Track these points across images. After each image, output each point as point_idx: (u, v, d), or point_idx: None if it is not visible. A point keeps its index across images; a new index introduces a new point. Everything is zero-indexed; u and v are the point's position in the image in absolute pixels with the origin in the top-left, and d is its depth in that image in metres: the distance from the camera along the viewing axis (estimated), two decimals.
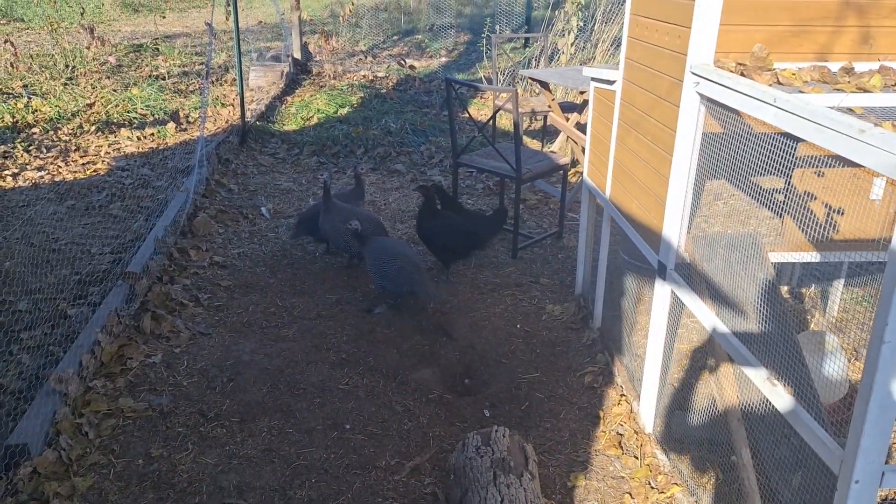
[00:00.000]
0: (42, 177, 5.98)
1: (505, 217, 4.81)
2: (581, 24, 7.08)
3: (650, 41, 3.05)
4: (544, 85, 5.82)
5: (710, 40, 2.59)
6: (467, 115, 7.60)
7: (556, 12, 7.29)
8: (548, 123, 6.98)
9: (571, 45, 6.84)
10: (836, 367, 2.97)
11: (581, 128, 6.02)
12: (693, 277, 2.78)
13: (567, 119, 6.07)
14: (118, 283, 3.96)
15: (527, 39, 7.14)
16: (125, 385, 3.35)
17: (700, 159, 2.70)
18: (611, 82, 3.52)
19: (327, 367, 3.62)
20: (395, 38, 13.40)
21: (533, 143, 7.29)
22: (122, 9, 15.89)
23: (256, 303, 4.25)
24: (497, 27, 9.22)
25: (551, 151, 6.37)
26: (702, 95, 2.60)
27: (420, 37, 13.05)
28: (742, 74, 2.41)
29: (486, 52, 8.77)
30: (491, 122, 6.56)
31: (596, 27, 7.33)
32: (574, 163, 6.45)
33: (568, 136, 6.02)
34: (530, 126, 7.83)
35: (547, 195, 6.01)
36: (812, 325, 3.74)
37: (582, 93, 5.20)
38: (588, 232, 4.10)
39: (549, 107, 6.04)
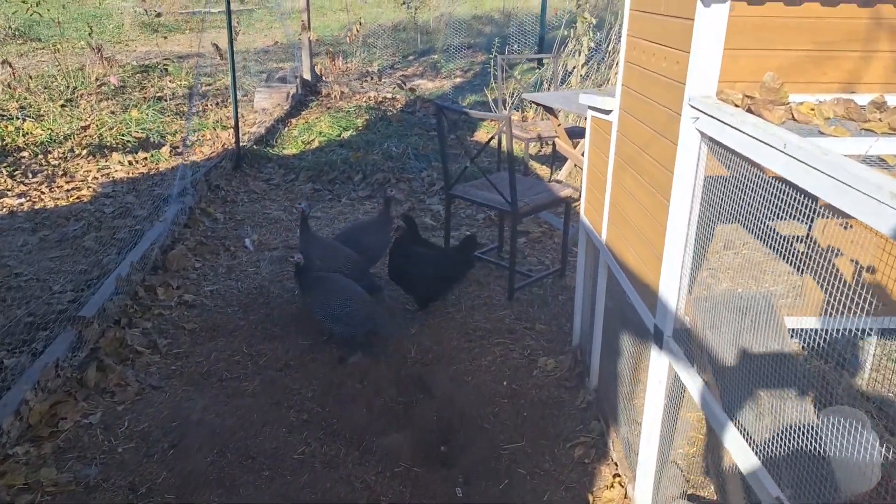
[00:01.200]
0: (21, 204, 5.71)
1: (473, 247, 4.42)
2: (593, 44, 6.67)
3: (647, 66, 2.63)
4: (549, 110, 5.41)
5: (713, 67, 2.16)
6: (473, 139, 7.21)
7: (568, 31, 6.89)
8: (554, 147, 6.56)
9: (583, 66, 6.42)
10: (867, 448, 2.49)
11: None
12: (694, 348, 2.33)
13: (575, 145, 5.65)
14: (66, 328, 3.61)
15: (539, 60, 6.76)
16: (52, 451, 2.98)
17: (703, 206, 2.27)
18: (607, 112, 3.10)
19: (285, 430, 3.21)
20: (410, 57, 13.11)
21: (542, 170, 6.87)
22: (141, 29, 15.84)
23: (221, 349, 3.88)
24: (507, 48, 8.82)
25: (556, 180, 5.94)
26: (702, 133, 2.17)
27: (436, 56, 12.74)
28: (749, 110, 1.98)
29: (493, 74, 8.39)
30: (499, 146, 6.17)
31: (610, 47, 6.91)
32: None
33: (575, 164, 5.60)
34: (540, 151, 7.42)
35: (552, 227, 5.58)
36: (838, 392, 3.26)
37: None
38: (586, 275, 3.66)
39: (556, 132, 5.63)
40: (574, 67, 6.64)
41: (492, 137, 4.70)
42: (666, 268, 2.37)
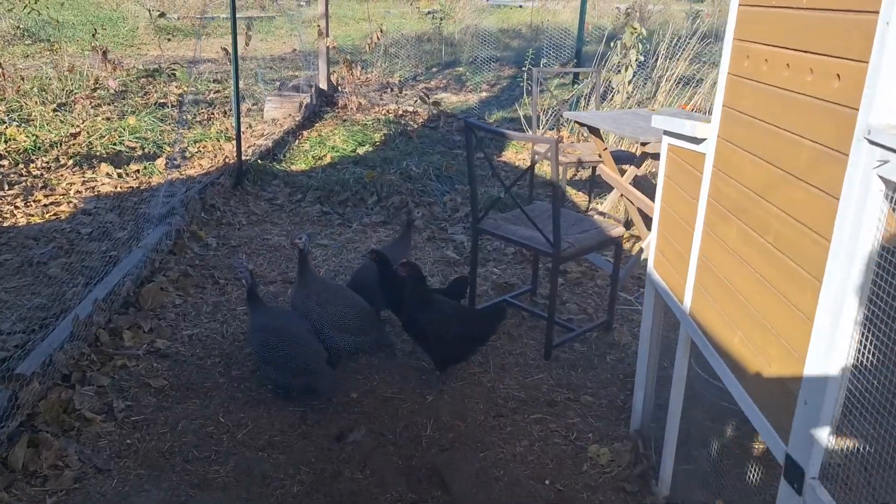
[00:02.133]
0: None
1: (464, 290, 3.81)
2: (642, 57, 5.92)
3: (774, 83, 1.86)
4: (594, 131, 4.65)
5: None
6: (500, 159, 6.46)
7: (613, 44, 6.13)
8: (597, 174, 5.80)
9: (629, 83, 5.67)
10: None
11: (639, 184, 4.83)
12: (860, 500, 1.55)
13: (621, 173, 4.88)
14: None
15: (576, 75, 6.03)
16: None
17: (882, 291, 1.50)
18: (698, 140, 2.33)
19: None
20: (433, 69, 12.43)
21: (578, 197, 6.10)
22: (156, 33, 15.28)
23: (192, 416, 3.13)
24: (542, 61, 8.08)
25: (598, 211, 5.17)
26: (888, 181, 1.41)
27: (461, 69, 12.03)
28: None
29: (527, 88, 7.65)
30: (528, 175, 5.43)
31: (658, 62, 6.14)
32: (628, 224, 5.24)
33: (622, 195, 4.83)
34: (575, 175, 6.65)
35: (594, 267, 4.80)
36: None
37: (643, 144, 4.04)
38: (652, 343, 2.89)
39: (600, 157, 4.86)
40: (619, 84, 5.89)
41: (534, 163, 3.93)
42: (811, 377, 1.60)
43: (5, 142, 6.36)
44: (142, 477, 2.74)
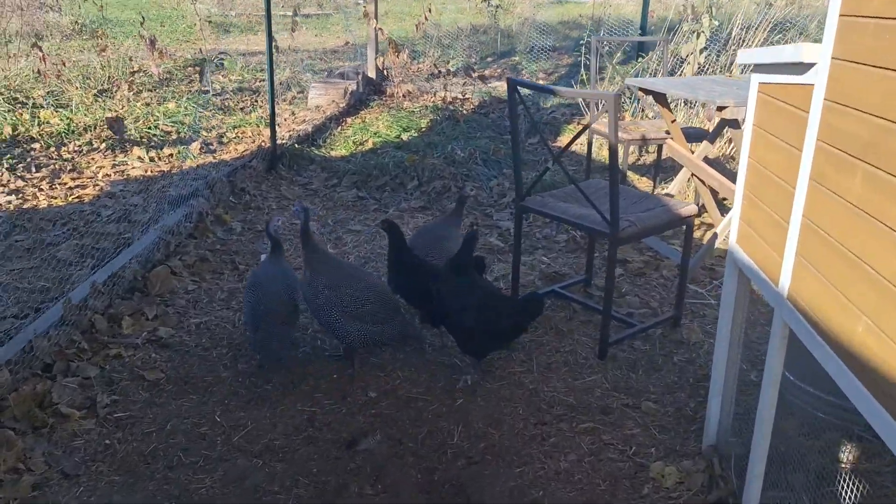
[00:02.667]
0: (9, 202, 4.75)
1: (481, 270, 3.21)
2: (715, 22, 5.28)
3: None
4: (661, 99, 4.07)
5: None
6: (555, 144, 5.92)
7: (683, 8, 5.50)
8: (663, 156, 5.20)
9: (700, 52, 5.03)
10: None
11: (711, 164, 4.23)
12: None
13: (692, 151, 4.29)
14: None
15: (640, 49, 5.39)
16: None
17: None
18: (803, 68, 1.77)
19: None
20: (488, 59, 11.92)
21: (641, 182, 5.51)
22: (213, 28, 15.23)
23: (185, 414, 2.71)
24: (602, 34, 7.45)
25: (667, 194, 4.58)
26: None
27: (517, 58, 11.50)
28: None
29: (585, 63, 7.07)
30: (588, 152, 4.89)
31: (734, 32, 5.49)
32: (700, 210, 4.62)
33: (692, 175, 4.23)
34: (639, 160, 6.04)
35: (658, 256, 4.22)
36: None
37: (720, 109, 3.45)
38: (733, 338, 2.32)
39: (668, 132, 4.28)
40: (688, 55, 5.25)
41: (585, 127, 3.39)
42: None
43: (38, 125, 6.15)
44: (114, 485, 2.33)
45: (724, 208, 4.41)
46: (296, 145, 6.09)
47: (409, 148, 6.18)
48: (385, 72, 9.36)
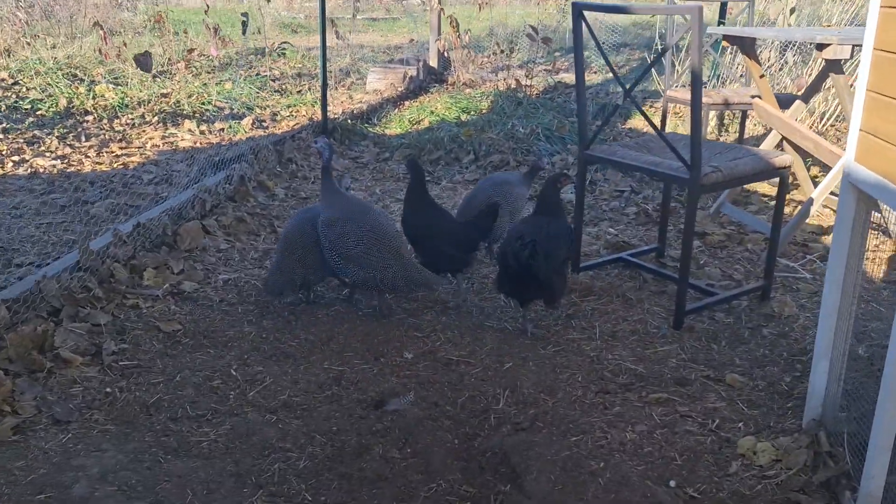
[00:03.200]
0: (54, 166, 4.62)
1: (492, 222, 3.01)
2: None
3: None
4: (748, 49, 3.60)
5: None
6: (626, 126, 5.47)
7: None
8: (746, 126, 4.70)
9: (791, 13, 4.52)
10: None
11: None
12: None
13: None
14: None
15: (723, 5, 4.91)
16: None
17: None
18: None
19: None
20: (557, 53, 11.51)
21: None
22: (281, 29, 15.31)
23: (198, 367, 2.41)
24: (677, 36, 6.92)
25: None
26: None
27: (586, 53, 11.04)
28: None
29: (661, 34, 6.59)
30: (660, 120, 4.45)
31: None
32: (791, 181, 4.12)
33: (783, 139, 3.74)
34: (720, 136, 5.53)
35: (742, 228, 3.75)
36: None
37: (821, 48, 2.97)
38: (845, 286, 1.87)
39: (757, 88, 3.81)
40: (778, 14, 4.72)
41: (665, 50, 2.96)
42: None
43: (94, 98, 6.07)
44: (107, 434, 2.03)
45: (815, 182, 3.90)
46: (349, 121, 5.83)
47: (466, 126, 5.84)
48: (448, 59, 9.06)
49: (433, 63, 8.81)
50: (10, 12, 8.87)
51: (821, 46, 2.96)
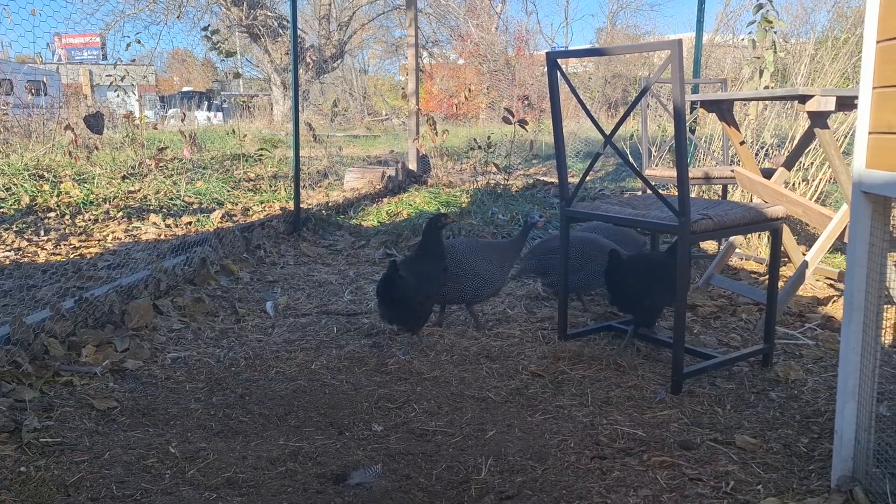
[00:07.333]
0: (7, 257, 4.36)
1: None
2: (782, 54, 4.78)
3: None
4: (726, 115, 3.52)
5: None
6: None
7: (742, 38, 5.04)
8: (727, 198, 4.59)
9: (760, 74, 4.50)
10: None
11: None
12: None
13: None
14: None
15: (695, 88, 4.93)
16: None
17: None
18: None
19: None
20: (534, 161, 11.67)
21: (705, 244, 4.87)
22: (262, 143, 15.53)
23: (133, 445, 2.08)
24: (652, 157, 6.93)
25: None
26: None
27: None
28: None
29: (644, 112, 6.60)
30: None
31: (802, 70, 4.99)
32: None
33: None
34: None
35: (734, 299, 3.54)
36: None
37: (803, 101, 2.87)
38: (867, 317, 1.64)
39: (736, 155, 3.71)
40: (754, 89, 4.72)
41: (644, 90, 2.84)
42: None
43: (58, 195, 5.90)
44: None
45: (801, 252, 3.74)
46: (324, 212, 5.69)
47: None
48: (427, 161, 9.07)
49: (412, 166, 8.83)
50: None
51: (804, 99, 2.87)
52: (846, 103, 2.92)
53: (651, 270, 2.73)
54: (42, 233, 5.03)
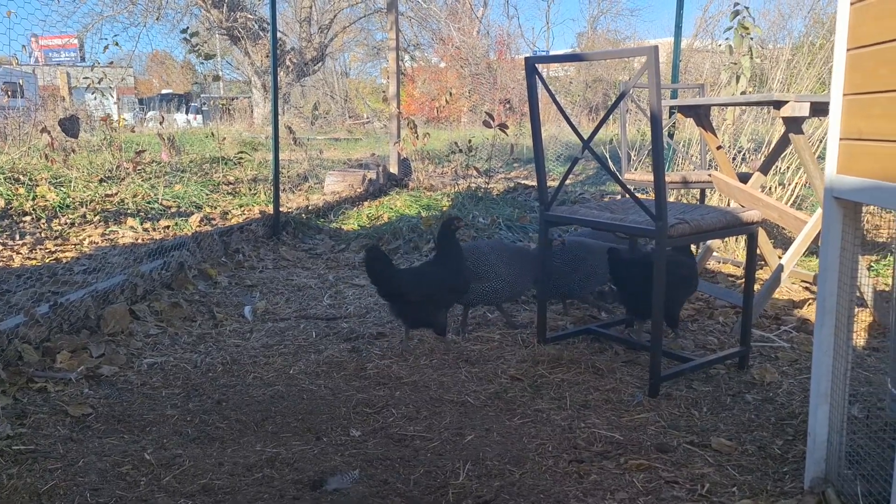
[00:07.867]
0: None
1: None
2: (759, 60, 4.84)
3: None
4: (703, 120, 3.56)
5: None
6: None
7: (719, 44, 5.11)
8: (706, 202, 4.63)
9: (737, 80, 4.55)
10: None
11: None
12: None
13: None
14: None
15: (673, 94, 4.98)
16: None
17: None
18: None
19: None
20: (515, 165, 11.70)
21: None
22: (242, 145, 15.44)
23: (108, 452, 2.06)
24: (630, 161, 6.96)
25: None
26: None
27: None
28: None
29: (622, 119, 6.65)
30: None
31: (778, 76, 5.05)
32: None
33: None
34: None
35: (711, 303, 3.57)
36: None
37: (778, 107, 2.91)
38: (839, 318, 1.66)
39: (713, 160, 3.74)
40: (731, 94, 4.76)
41: (623, 94, 2.86)
42: None
43: (33, 199, 5.83)
44: None
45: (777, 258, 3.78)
46: (303, 216, 5.66)
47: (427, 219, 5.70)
48: (409, 165, 9.07)
49: (393, 169, 8.82)
50: None
51: (778, 105, 2.90)
52: (821, 109, 2.95)
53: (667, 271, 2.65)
54: (17, 237, 4.96)
